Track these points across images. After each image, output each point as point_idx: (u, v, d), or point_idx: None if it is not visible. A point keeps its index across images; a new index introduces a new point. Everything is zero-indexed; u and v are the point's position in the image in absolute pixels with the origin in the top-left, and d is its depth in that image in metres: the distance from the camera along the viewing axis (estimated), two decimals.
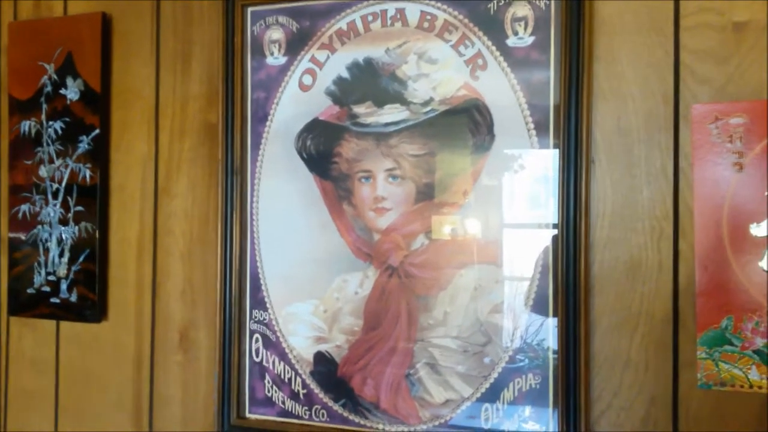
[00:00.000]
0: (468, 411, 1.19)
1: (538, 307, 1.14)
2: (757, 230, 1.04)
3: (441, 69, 1.20)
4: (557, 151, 1.12)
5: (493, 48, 1.17)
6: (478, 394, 1.18)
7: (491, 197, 1.17)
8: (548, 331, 1.14)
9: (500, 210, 1.17)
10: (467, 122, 1.18)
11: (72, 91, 1.47)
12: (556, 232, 1.13)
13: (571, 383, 1.11)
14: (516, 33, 1.15)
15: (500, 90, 1.16)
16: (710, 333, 1.06)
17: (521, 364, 1.15)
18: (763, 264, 1.03)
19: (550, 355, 1.13)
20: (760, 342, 1.03)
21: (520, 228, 1.17)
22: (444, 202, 1.20)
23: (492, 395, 1.17)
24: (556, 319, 1.13)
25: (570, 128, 1.11)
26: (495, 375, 1.17)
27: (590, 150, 1.11)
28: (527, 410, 1.15)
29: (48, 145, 1.50)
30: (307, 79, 1.30)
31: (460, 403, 1.19)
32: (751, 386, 1.04)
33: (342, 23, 1.27)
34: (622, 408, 1.11)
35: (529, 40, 1.15)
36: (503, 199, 1.17)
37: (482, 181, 1.18)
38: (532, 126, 1.14)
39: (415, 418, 1.23)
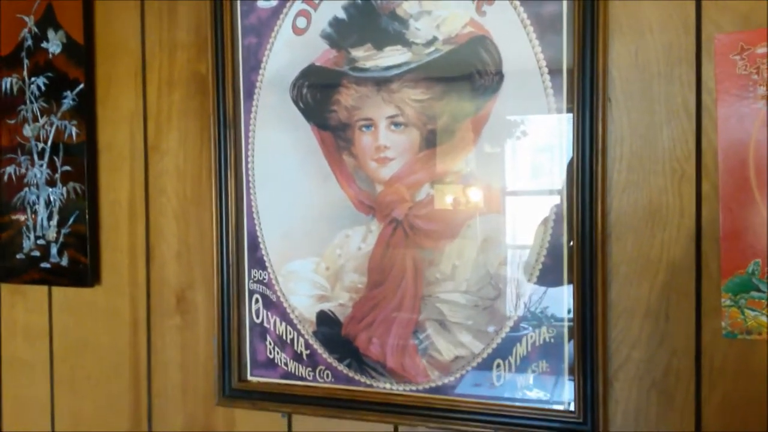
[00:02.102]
0: (479, 368, 1.13)
1: (553, 256, 1.08)
2: None
3: (444, 5, 1.11)
4: (571, 90, 1.05)
5: None
6: (490, 350, 1.13)
7: (501, 143, 1.10)
8: (563, 281, 1.08)
9: (511, 155, 1.10)
10: (474, 62, 1.10)
11: (54, 44, 1.39)
12: (571, 177, 1.06)
13: (587, 336, 1.05)
14: None
15: (509, 26, 1.08)
16: (735, 279, 1.00)
17: (534, 317, 1.09)
18: None
19: (565, 307, 1.08)
20: None
21: (533, 173, 1.10)
22: (450, 150, 1.13)
23: (504, 351, 1.12)
24: (571, 269, 1.06)
25: (585, 65, 1.03)
26: (507, 330, 1.11)
27: (606, 88, 1.04)
28: (541, 365, 1.09)
29: (31, 102, 1.43)
30: (301, 22, 1.22)
31: (470, 360, 1.14)
32: None
33: None
34: (641, 360, 1.05)
35: None
36: (514, 145, 1.10)
37: (491, 126, 1.11)
38: (543, 63, 1.07)
39: (423, 377, 1.17)
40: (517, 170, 1.11)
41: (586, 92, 1.04)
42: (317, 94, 1.22)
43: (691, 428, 1.03)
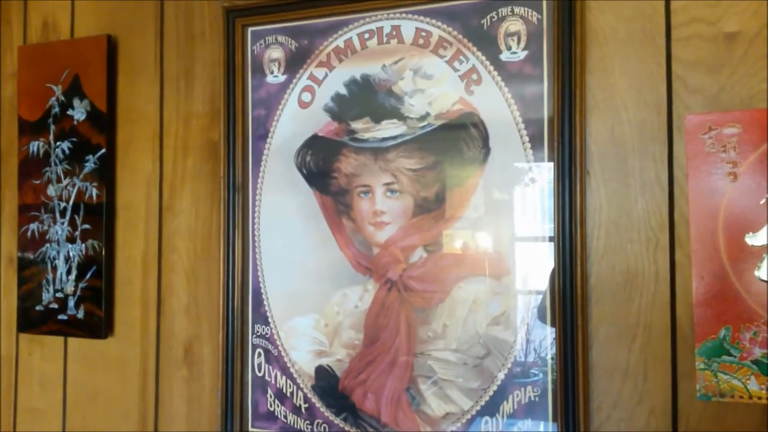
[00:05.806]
0: (468, 424, 1.19)
1: (537, 318, 1.14)
2: (753, 239, 1.03)
3: (436, 84, 1.21)
4: (552, 163, 1.13)
5: (487, 63, 1.18)
6: (478, 407, 1.18)
7: (488, 211, 1.18)
8: (547, 343, 1.14)
9: (497, 223, 1.18)
10: (463, 136, 1.19)
11: (79, 112, 1.51)
12: (553, 244, 1.13)
13: (569, 395, 1.11)
14: (509, 48, 1.17)
15: (495, 104, 1.18)
16: (708, 343, 1.05)
17: (520, 376, 1.15)
18: (759, 273, 1.03)
19: (549, 367, 1.13)
20: (758, 352, 1.03)
21: (518, 241, 1.17)
22: (442, 216, 1.21)
23: (492, 408, 1.17)
24: (554, 331, 1.13)
25: (564, 140, 1.12)
26: (494, 388, 1.17)
27: (585, 161, 1.12)
28: (527, 423, 1.15)
29: (56, 164, 1.53)
30: (306, 97, 1.32)
31: (460, 416, 1.19)
32: (750, 397, 1.03)
33: (339, 41, 1.29)
34: (621, 419, 1.10)
35: (523, 54, 1.16)
36: (500, 213, 1.18)
37: (479, 195, 1.19)
38: (527, 138, 1.15)
39: None
40: (506, 236, 1.18)
41: (566, 165, 1.12)
42: (319, 161, 1.31)
43: None
